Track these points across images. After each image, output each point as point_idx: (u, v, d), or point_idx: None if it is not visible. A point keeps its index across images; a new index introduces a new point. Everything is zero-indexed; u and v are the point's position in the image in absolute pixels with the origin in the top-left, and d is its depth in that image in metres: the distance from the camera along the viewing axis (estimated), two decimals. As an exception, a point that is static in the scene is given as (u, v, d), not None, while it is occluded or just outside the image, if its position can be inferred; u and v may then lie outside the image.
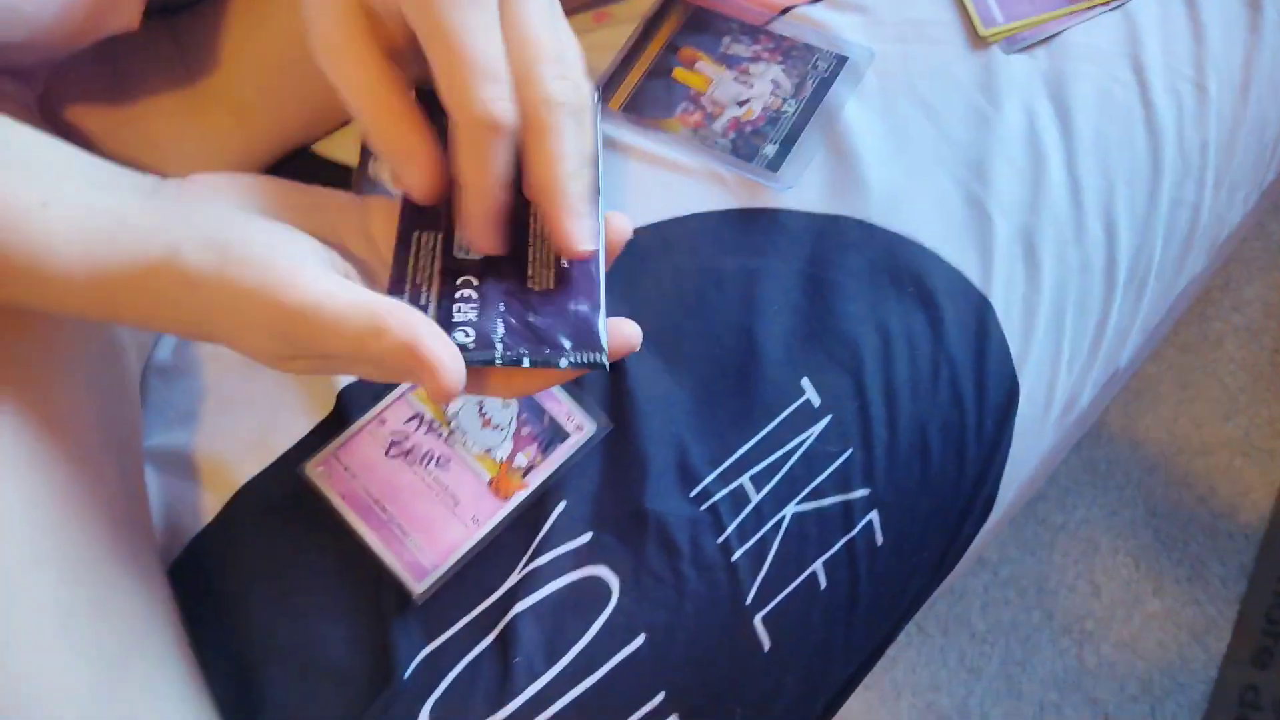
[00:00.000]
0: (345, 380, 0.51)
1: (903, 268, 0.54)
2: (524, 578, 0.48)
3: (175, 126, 0.56)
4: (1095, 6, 0.60)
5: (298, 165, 0.60)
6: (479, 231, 0.36)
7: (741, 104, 0.56)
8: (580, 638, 0.47)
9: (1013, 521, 1.20)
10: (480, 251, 0.37)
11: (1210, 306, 1.30)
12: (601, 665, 0.47)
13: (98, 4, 0.45)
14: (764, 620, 0.49)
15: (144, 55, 0.55)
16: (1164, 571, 1.19)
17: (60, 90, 0.54)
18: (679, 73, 0.58)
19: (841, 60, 0.56)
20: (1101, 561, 1.19)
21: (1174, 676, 1.16)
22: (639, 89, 0.58)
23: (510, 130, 0.34)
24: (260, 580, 0.47)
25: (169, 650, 0.41)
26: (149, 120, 0.56)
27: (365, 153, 0.59)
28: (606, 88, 0.58)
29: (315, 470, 0.49)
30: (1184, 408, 1.26)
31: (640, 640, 0.47)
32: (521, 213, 0.38)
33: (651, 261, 0.54)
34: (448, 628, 0.47)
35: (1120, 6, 0.59)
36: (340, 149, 0.60)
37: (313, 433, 0.51)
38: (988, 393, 0.53)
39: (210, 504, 0.49)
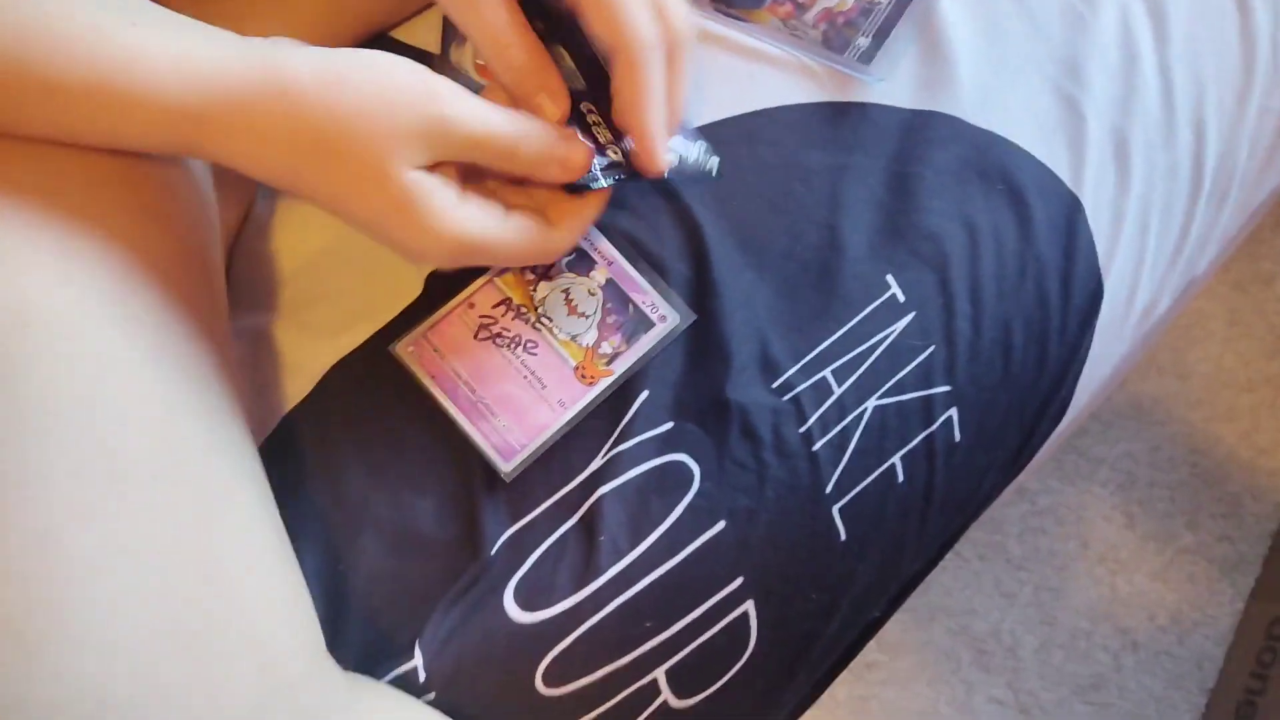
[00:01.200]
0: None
1: (992, 165, 0.53)
2: (608, 461, 0.48)
3: (263, 4, 0.56)
4: (1197, -96, 0.58)
5: (377, 46, 0.60)
6: (651, 146, 0.44)
7: (831, -5, 0.55)
8: (663, 520, 0.48)
9: (1054, 454, 1.21)
10: (649, 170, 0.45)
11: (1262, 245, 1.29)
12: (683, 548, 0.48)
13: None
14: (841, 511, 0.50)
15: None
16: (1200, 506, 1.19)
17: None
18: (767, -36, 0.57)
19: (937, -47, 0.55)
20: (1139, 494, 1.19)
21: (1203, 609, 1.17)
22: (726, -21, 0.57)
23: (661, 51, 0.42)
24: (353, 455, 0.48)
25: (258, 506, 0.41)
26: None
27: (446, 39, 0.59)
28: (692, -22, 0.57)
29: (406, 350, 0.50)
30: (1231, 344, 1.25)
31: (721, 525, 0.48)
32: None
33: (735, 154, 0.54)
34: (534, 507, 0.48)
35: (1223, -95, 0.58)
36: (420, 35, 0.60)
37: (401, 315, 0.51)
38: (1073, 293, 0.53)
39: (301, 383, 0.50)
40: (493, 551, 0.47)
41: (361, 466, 0.48)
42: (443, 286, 0.51)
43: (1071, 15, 0.56)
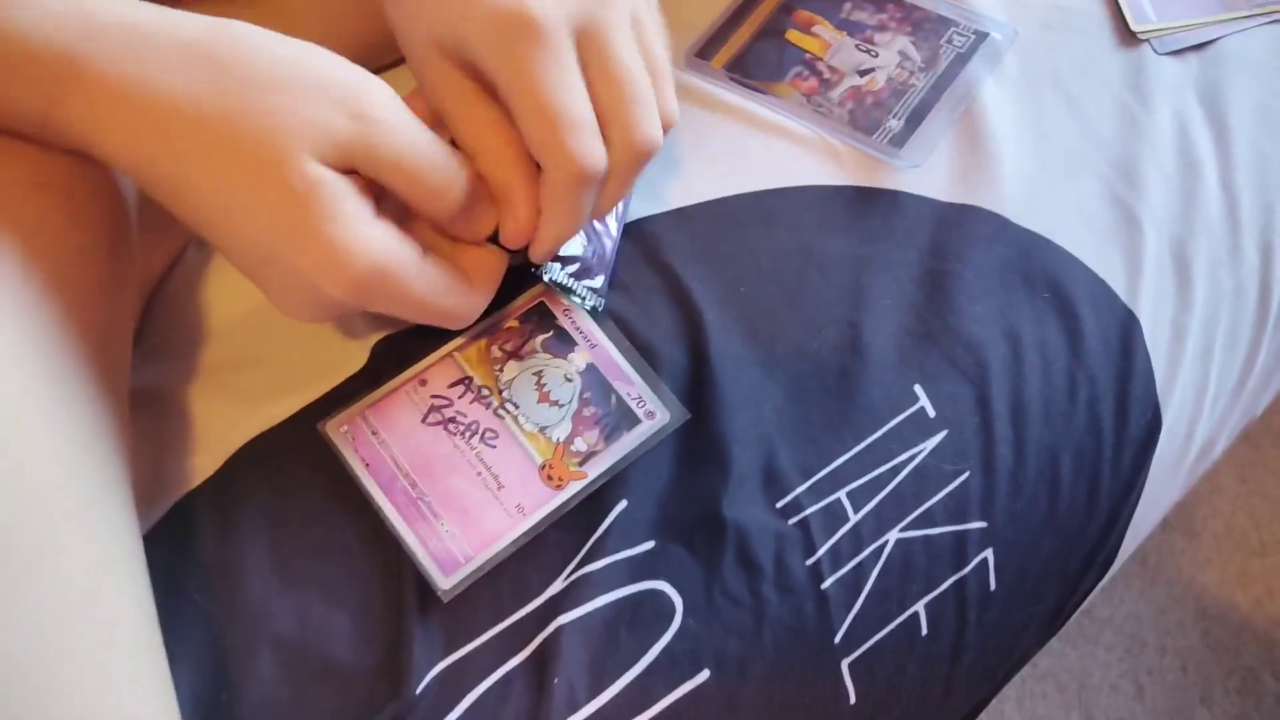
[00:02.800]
0: (384, 332, 0.44)
1: (1038, 269, 0.46)
2: (571, 584, 0.39)
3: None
4: (1255, 16, 0.53)
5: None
6: (546, 251, 0.39)
7: (863, 73, 0.50)
8: (634, 664, 0.39)
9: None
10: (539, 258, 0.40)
11: (1276, 400, 1.23)
12: (656, 701, 0.38)
13: None
14: (851, 667, 0.41)
15: None
16: (1213, 679, 1.10)
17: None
18: (793, 35, 0.51)
19: (981, 36, 0.50)
20: (1148, 661, 1.09)
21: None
22: (746, 49, 0.51)
23: (601, 177, 0.37)
24: (258, 552, 0.39)
25: (130, 607, 0.32)
26: None
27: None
28: (709, 44, 0.52)
29: (337, 429, 0.41)
30: (1242, 503, 1.18)
31: (705, 675, 0.39)
32: None
33: (748, 235, 0.47)
34: (476, 636, 0.39)
35: (1284, 17, 0.53)
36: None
37: (339, 388, 0.43)
38: (1129, 422, 0.45)
39: (207, 459, 0.41)
40: (419, 689, 0.37)
41: (267, 566, 0.39)
42: (391, 359, 0.43)
43: (1125, 116, 0.50)
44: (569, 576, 0.40)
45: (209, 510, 0.40)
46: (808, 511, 0.41)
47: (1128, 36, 0.52)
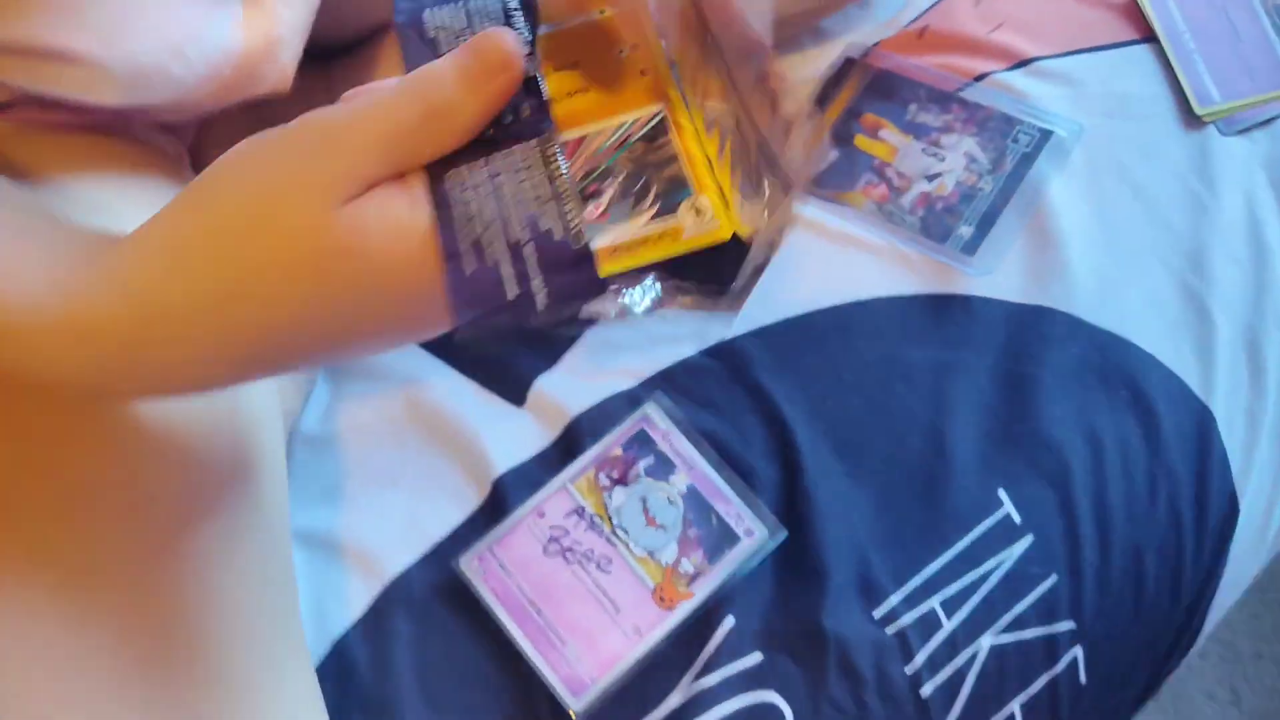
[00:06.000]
0: (502, 466, 0.48)
1: (1114, 368, 0.48)
2: (689, 700, 0.43)
3: None
4: (1323, 85, 0.54)
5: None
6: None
7: (931, 178, 0.52)
8: (751, 770, 0.42)
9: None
10: None
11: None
12: (773, 803, 0.42)
13: (247, 68, 0.43)
14: (952, 763, 0.44)
15: (297, 104, 0.53)
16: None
17: (212, 139, 0.52)
18: (861, 140, 0.54)
19: (1045, 135, 0.52)
20: (1243, 668, 1.09)
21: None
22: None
23: None
24: (410, 686, 0.43)
25: None
26: None
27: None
28: (780, 156, 0.54)
29: (470, 566, 0.45)
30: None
31: (817, 777, 0.42)
32: None
33: (830, 349, 0.50)
34: (605, 749, 0.43)
35: (1353, 85, 0.54)
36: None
37: (467, 522, 0.47)
38: (1208, 512, 0.47)
39: (359, 595, 0.46)
40: (558, 800, 0.42)
41: (418, 698, 0.43)
42: (512, 490, 0.47)
43: (1192, 202, 0.52)
44: (686, 691, 0.44)
45: (364, 647, 0.44)
46: (904, 620, 0.44)
47: (1192, 119, 0.53)
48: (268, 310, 0.26)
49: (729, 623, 0.44)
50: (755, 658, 0.44)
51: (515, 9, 0.32)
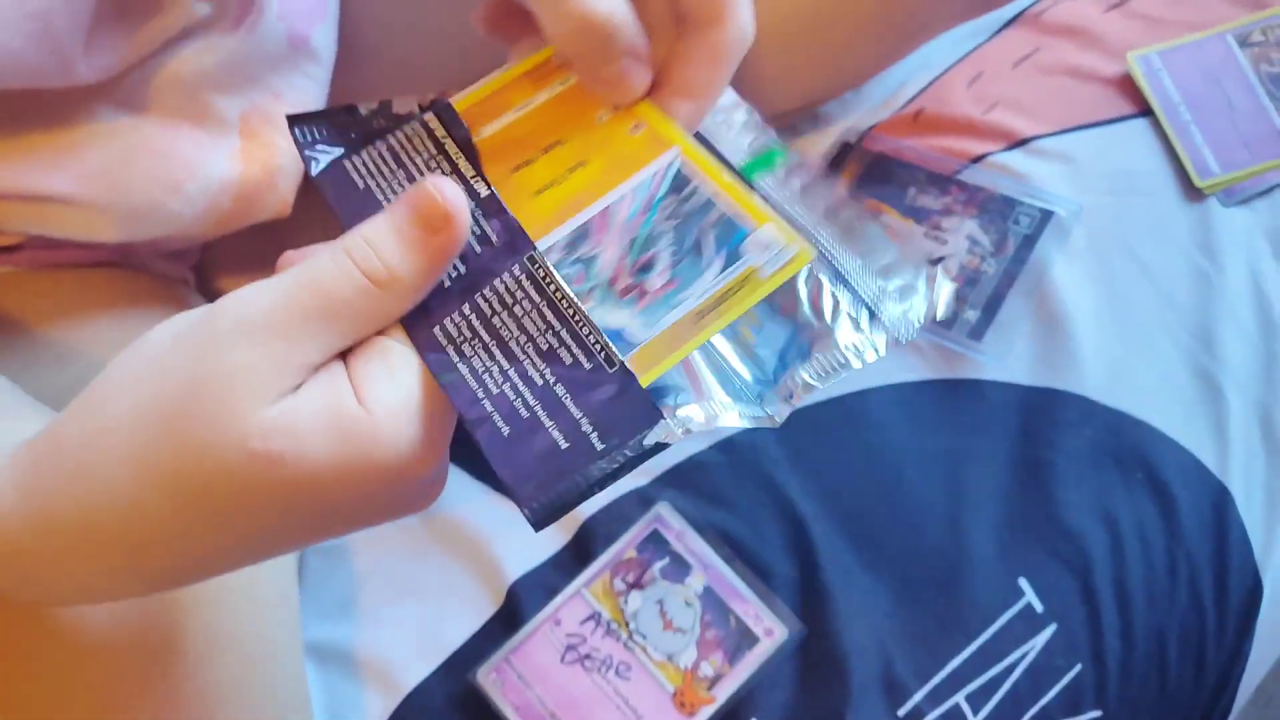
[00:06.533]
0: (516, 572, 0.47)
1: (1128, 450, 0.48)
2: (715, 805, 0.43)
3: None
4: (1321, 152, 0.54)
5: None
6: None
7: (935, 263, 0.52)
8: None
9: None
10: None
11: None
12: None
13: (246, 198, 0.43)
14: None
15: (301, 222, 0.53)
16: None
17: (216, 259, 0.52)
18: (863, 228, 0.54)
19: (1046, 215, 0.52)
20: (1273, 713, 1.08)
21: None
22: (819, 245, 0.54)
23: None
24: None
25: None
26: None
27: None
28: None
29: (487, 678, 0.45)
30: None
31: None
32: None
33: (840, 440, 0.49)
34: None
35: (1351, 152, 0.54)
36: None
37: (482, 630, 0.46)
38: (1229, 593, 0.47)
39: (376, 709, 0.45)
40: None
41: (438, 819, 0.43)
42: (527, 597, 0.47)
43: (1198, 277, 0.52)
44: (712, 795, 0.43)
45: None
46: (929, 717, 0.44)
47: (1192, 192, 0.53)
48: (187, 541, 0.23)
49: (752, 726, 0.44)
50: (781, 762, 0.43)
51: (445, 136, 0.29)
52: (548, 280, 0.25)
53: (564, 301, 0.25)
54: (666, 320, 0.25)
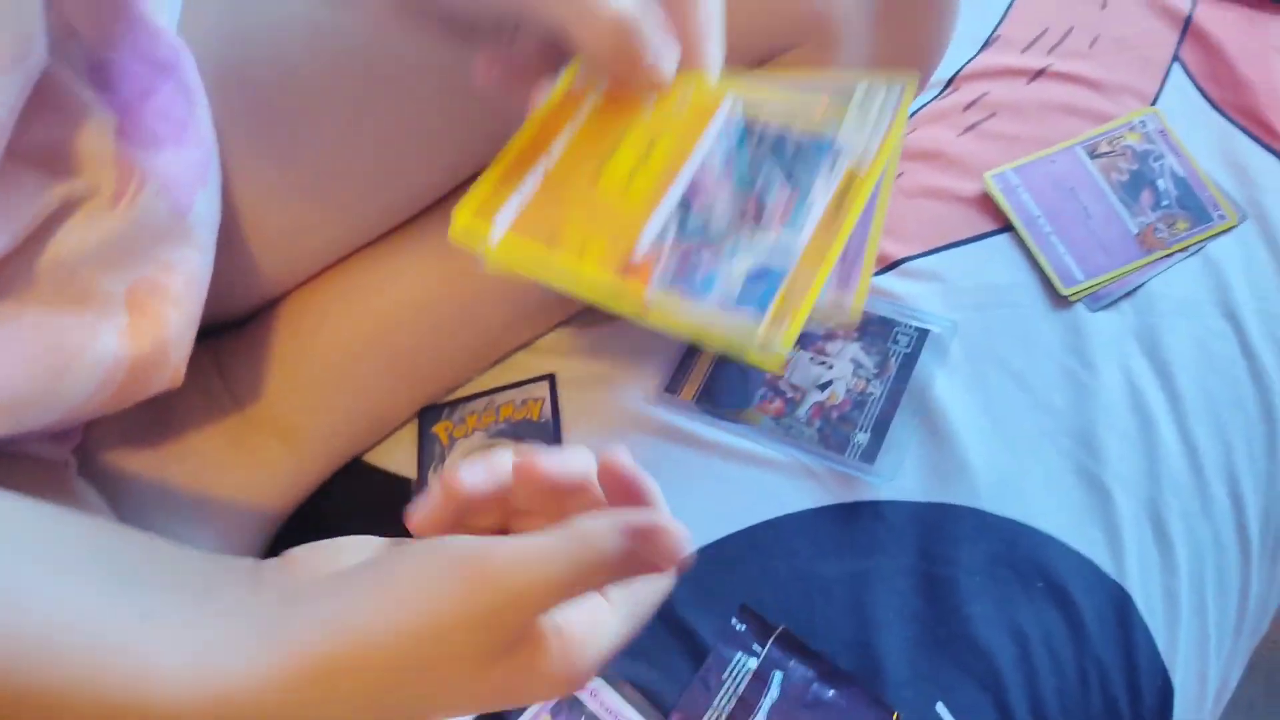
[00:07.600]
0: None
1: (1025, 559, 0.49)
2: None
3: (223, 457, 0.52)
4: (1174, 254, 0.57)
5: (349, 476, 0.56)
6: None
7: (823, 387, 0.53)
8: None
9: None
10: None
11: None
12: None
13: (137, 373, 0.42)
14: None
15: (188, 389, 0.52)
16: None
17: (99, 437, 0.51)
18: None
19: (923, 334, 0.54)
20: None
21: None
22: (710, 377, 0.54)
23: None
24: None
25: None
26: (195, 455, 0.52)
27: (424, 461, 0.56)
28: (676, 375, 0.55)
29: None
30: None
31: None
32: None
33: (748, 572, 0.49)
34: None
35: (1199, 251, 0.57)
36: (390, 458, 0.57)
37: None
38: (1143, 695, 0.47)
39: None
40: None
41: None
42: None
43: (1071, 381, 0.54)
44: None
45: None
46: None
47: (1059, 300, 0.56)
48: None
49: None
50: None
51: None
52: None
53: None
54: (809, 222, 0.28)
